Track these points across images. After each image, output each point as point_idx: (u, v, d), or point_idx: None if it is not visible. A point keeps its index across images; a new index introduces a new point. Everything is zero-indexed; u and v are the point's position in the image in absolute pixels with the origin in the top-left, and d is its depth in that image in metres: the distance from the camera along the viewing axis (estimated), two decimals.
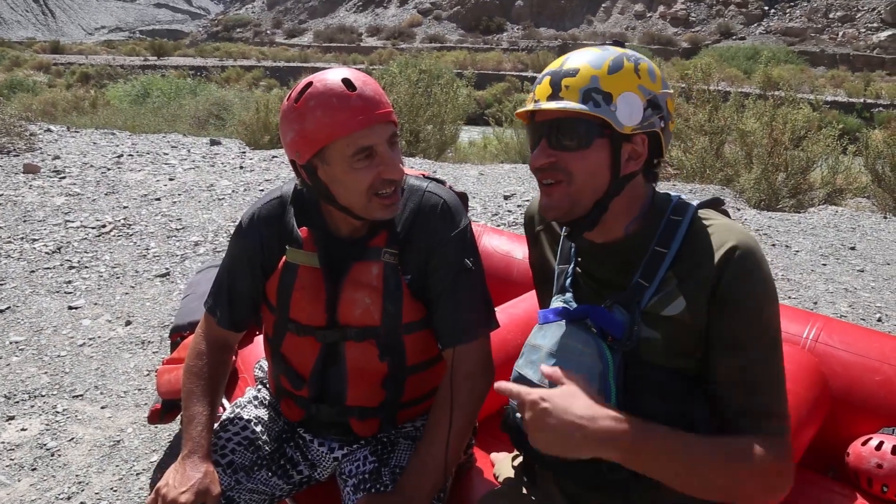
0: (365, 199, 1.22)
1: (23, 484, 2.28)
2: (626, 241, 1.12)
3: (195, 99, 16.07)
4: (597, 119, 1.03)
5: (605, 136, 1.04)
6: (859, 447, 2.02)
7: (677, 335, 1.05)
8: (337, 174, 1.21)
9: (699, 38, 57.08)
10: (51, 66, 36.50)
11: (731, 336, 1.02)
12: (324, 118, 1.17)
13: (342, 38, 76.60)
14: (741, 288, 1.01)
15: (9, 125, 7.88)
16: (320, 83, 1.19)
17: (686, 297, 1.04)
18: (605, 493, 1.12)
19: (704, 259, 1.04)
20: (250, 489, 1.37)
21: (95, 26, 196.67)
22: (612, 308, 1.09)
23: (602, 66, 1.04)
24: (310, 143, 1.19)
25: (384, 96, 1.23)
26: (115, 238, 4.86)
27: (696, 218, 1.09)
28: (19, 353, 3.19)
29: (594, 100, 1.03)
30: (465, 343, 1.30)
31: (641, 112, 1.04)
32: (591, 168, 1.06)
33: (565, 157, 1.05)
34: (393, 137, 1.23)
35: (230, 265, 1.42)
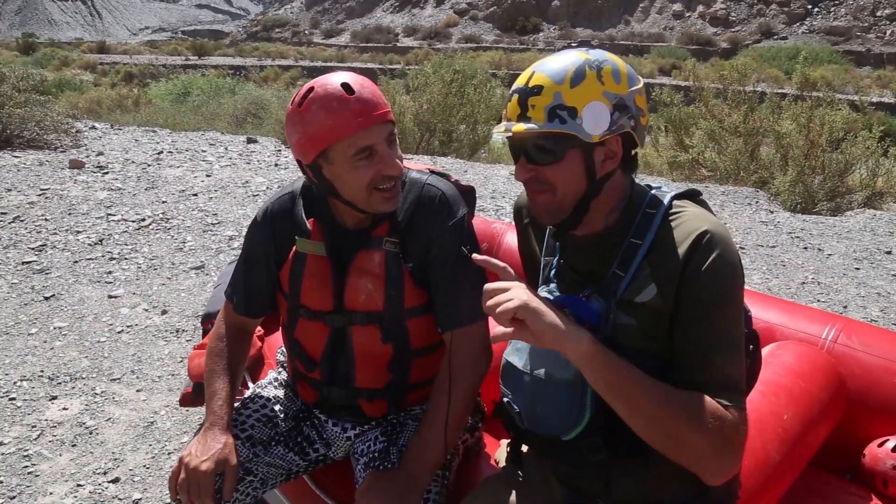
0: (367, 194, 1.30)
1: (63, 458, 2.42)
2: (604, 234, 1.17)
3: (234, 98, 16.38)
4: (561, 134, 1.08)
5: (577, 147, 1.09)
6: (875, 449, 2.02)
7: (650, 320, 1.10)
8: (340, 172, 1.29)
9: (739, 38, 55.97)
10: (97, 66, 37.57)
11: (692, 309, 1.06)
12: (326, 121, 1.24)
13: (379, 38, 77.13)
14: (706, 266, 1.05)
15: (56, 123, 8.17)
16: (321, 88, 1.26)
17: (657, 283, 1.09)
18: (586, 473, 1.18)
19: (675, 247, 1.09)
20: (267, 462, 1.45)
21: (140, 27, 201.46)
22: (589, 297, 1.15)
23: (564, 80, 1.07)
24: (314, 145, 1.27)
25: (381, 97, 1.30)
26: (154, 231, 5.04)
27: (670, 210, 1.14)
28: (62, 338, 3.35)
29: (559, 116, 1.06)
30: (463, 327, 1.36)
31: (608, 118, 1.07)
32: (568, 177, 1.11)
33: (543, 171, 1.11)
34: (391, 136, 1.30)
35: (246, 256, 1.52)
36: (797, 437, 1.86)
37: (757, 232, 5.68)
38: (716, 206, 6.59)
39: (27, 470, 2.35)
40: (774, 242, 5.36)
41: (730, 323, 1.06)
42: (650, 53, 51.89)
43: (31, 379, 2.95)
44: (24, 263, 4.30)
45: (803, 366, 2.06)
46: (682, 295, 1.07)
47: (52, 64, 36.35)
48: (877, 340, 2.17)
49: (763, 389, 1.93)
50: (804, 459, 1.93)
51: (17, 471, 2.34)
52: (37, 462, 2.39)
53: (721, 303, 1.06)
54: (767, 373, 2.03)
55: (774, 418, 1.84)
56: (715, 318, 1.06)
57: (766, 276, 4.54)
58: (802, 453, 1.90)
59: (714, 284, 1.06)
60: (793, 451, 1.83)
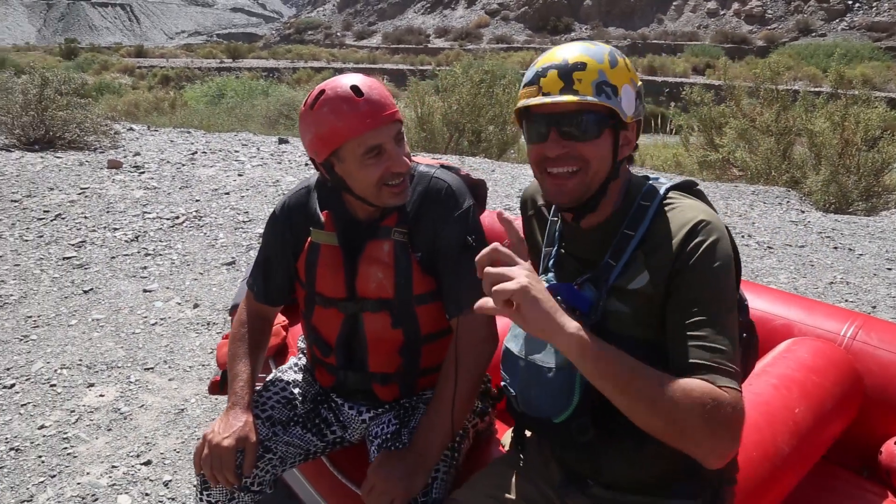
0: (376, 190, 1.37)
1: (99, 441, 2.54)
2: (604, 223, 1.21)
3: (267, 99, 16.64)
4: (605, 110, 1.11)
5: (610, 126, 1.13)
6: (892, 446, 2.01)
7: (643, 307, 1.13)
8: (351, 170, 1.36)
9: (775, 36, 54.86)
10: (135, 69, 38.47)
11: (685, 296, 1.09)
12: (336, 122, 1.32)
13: (410, 39, 77.46)
14: (698, 255, 1.08)
15: (96, 125, 8.44)
16: (331, 91, 1.33)
17: (650, 271, 1.12)
18: (578, 454, 1.24)
19: (668, 237, 1.11)
20: (286, 441, 1.53)
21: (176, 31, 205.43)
22: (582, 285, 1.18)
23: (604, 60, 1.12)
24: (325, 145, 1.34)
25: (389, 98, 1.37)
26: (187, 229, 5.19)
27: (664, 201, 1.17)
28: (100, 329, 3.49)
29: (605, 92, 1.10)
30: (468, 313, 1.41)
31: (635, 102, 1.14)
32: (602, 155, 1.13)
33: (579, 147, 1.12)
34: (398, 134, 1.37)
35: (265, 247, 1.60)
36: (809, 430, 1.87)
37: (786, 231, 5.61)
38: (745, 206, 6.52)
39: (66, 451, 2.47)
40: (803, 242, 5.29)
41: (722, 310, 1.08)
42: (683, 52, 51.17)
43: (71, 367, 3.09)
44: (65, 259, 4.48)
45: (818, 361, 2.07)
46: (675, 283, 1.10)
47: (92, 68, 37.33)
48: (895, 337, 2.17)
49: (776, 383, 1.95)
50: (817, 453, 1.94)
51: (57, 452, 2.47)
52: (75, 444, 2.52)
53: (713, 290, 1.08)
54: (782, 367, 2.05)
55: (786, 411, 1.85)
56: (707, 305, 1.08)
57: (793, 276, 4.50)
58: (815, 447, 1.91)
59: (706, 273, 1.08)
60: (804, 444, 1.84)
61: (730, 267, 1.11)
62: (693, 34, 61.80)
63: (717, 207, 6.38)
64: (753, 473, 1.66)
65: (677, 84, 30.74)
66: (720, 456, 1.03)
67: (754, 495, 1.64)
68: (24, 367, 3.08)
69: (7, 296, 3.86)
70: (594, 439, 1.17)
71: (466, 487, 1.36)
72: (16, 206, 5.51)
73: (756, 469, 1.67)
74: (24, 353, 3.22)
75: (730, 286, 1.10)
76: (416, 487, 1.33)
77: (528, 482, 1.35)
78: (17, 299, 3.82)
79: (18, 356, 3.18)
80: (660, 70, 42.64)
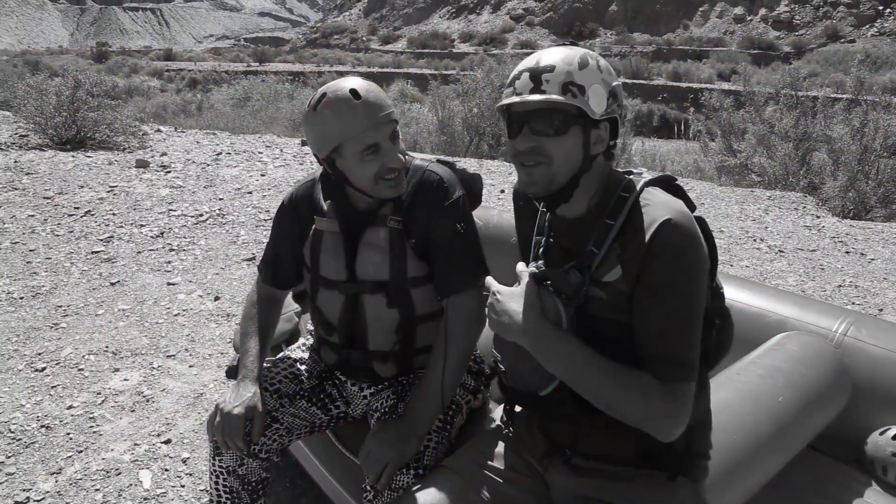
0: (373, 183, 1.50)
1: (123, 421, 2.69)
2: (586, 215, 1.31)
3: (292, 102, 16.91)
4: (573, 108, 1.21)
5: (579, 124, 1.23)
6: (877, 437, 2.09)
7: (616, 296, 1.23)
8: (350, 165, 1.49)
9: (803, 42, 54.16)
10: (163, 73, 39.22)
11: (646, 289, 1.18)
12: (337, 122, 1.45)
13: (435, 44, 77.81)
14: (663, 251, 1.17)
15: (125, 126, 8.71)
16: (332, 94, 1.47)
17: (622, 265, 1.22)
18: (560, 425, 1.36)
19: (640, 233, 1.20)
20: (292, 413, 1.66)
21: (204, 34, 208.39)
22: (569, 272, 1.28)
23: (574, 62, 1.22)
24: (327, 143, 1.48)
25: (386, 100, 1.50)
26: (210, 226, 5.37)
27: (641, 195, 1.26)
28: (125, 319, 3.66)
29: (571, 91, 1.20)
30: (457, 294, 1.55)
31: (605, 101, 1.23)
32: (567, 150, 1.23)
33: (545, 142, 1.23)
34: (394, 133, 1.50)
35: (274, 235, 1.74)
36: (792, 418, 1.95)
37: (799, 236, 5.64)
38: (759, 211, 6.55)
39: (92, 429, 2.63)
40: (815, 247, 5.32)
41: (681, 305, 1.17)
42: (709, 58, 50.76)
43: (98, 353, 3.26)
44: (94, 253, 4.68)
45: (806, 354, 2.15)
46: (641, 276, 1.19)
47: (122, 71, 38.16)
48: (884, 333, 2.23)
49: (762, 373, 2.04)
50: (800, 441, 2.02)
51: (84, 430, 2.62)
52: (101, 423, 2.67)
53: (674, 286, 1.17)
54: (770, 358, 2.14)
55: (769, 399, 1.94)
56: (666, 299, 1.17)
57: (802, 279, 4.54)
58: (798, 434, 1.99)
59: (668, 268, 1.17)
60: (787, 432, 1.92)
61: (691, 266, 1.18)
62: (719, 40, 61.27)
63: (732, 212, 6.44)
64: (735, 454, 1.76)
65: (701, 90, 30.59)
66: (663, 435, 1.18)
67: (736, 474, 1.73)
68: (54, 352, 3.26)
69: (39, 286, 4.06)
70: (574, 412, 1.28)
71: (456, 455, 1.47)
72: (48, 202, 5.74)
73: (737, 450, 1.76)
74: (54, 339, 3.40)
75: (690, 283, 1.18)
76: (409, 453, 1.45)
77: (514, 452, 1.46)
78: (48, 290, 4.02)
79: (49, 342, 3.36)
80: (684, 76, 42.35)
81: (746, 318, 2.44)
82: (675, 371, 1.17)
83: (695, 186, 7.64)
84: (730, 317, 1.40)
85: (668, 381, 1.17)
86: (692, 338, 1.19)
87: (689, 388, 1.18)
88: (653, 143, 15.53)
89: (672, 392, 1.17)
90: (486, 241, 1.86)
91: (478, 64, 31.71)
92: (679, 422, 1.18)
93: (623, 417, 1.19)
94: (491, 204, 6.43)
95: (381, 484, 1.42)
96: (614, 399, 1.18)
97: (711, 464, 1.54)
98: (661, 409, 1.16)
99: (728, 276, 2.65)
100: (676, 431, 1.18)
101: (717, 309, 1.34)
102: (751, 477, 1.80)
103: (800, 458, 2.10)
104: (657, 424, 1.17)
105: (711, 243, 1.29)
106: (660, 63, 49.12)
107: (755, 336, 2.39)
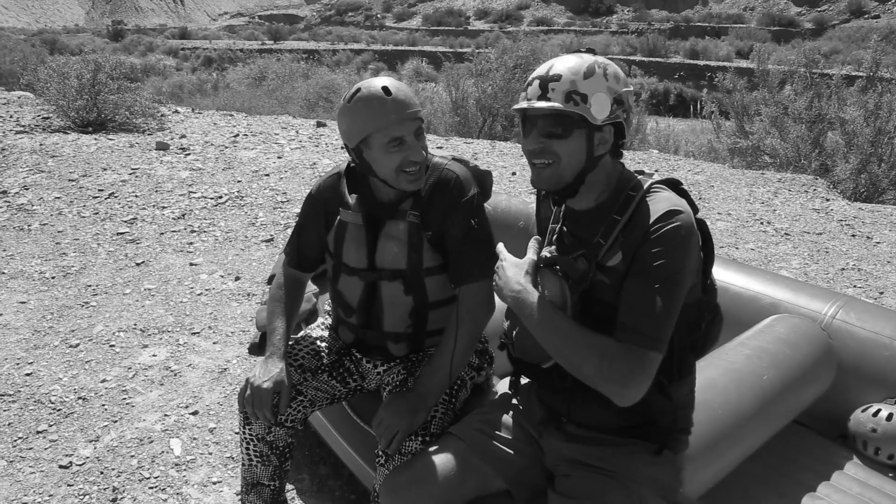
0: (395, 175, 1.64)
1: (153, 394, 2.89)
2: (595, 209, 1.45)
3: (307, 82, 16.97)
4: (575, 114, 1.35)
5: (583, 128, 1.36)
6: (859, 414, 2.22)
7: (617, 280, 1.37)
8: (376, 156, 1.64)
9: (825, 18, 53.10)
10: (179, 51, 39.38)
11: (635, 266, 1.32)
12: (367, 115, 1.60)
13: (450, 21, 77.17)
14: (657, 236, 1.30)
15: (144, 108, 8.86)
16: (366, 89, 1.62)
17: (623, 251, 1.36)
18: (557, 396, 1.51)
19: (643, 222, 1.34)
20: (315, 387, 1.82)
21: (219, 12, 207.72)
22: (577, 259, 1.43)
23: (580, 72, 1.34)
24: (357, 133, 1.63)
25: (413, 99, 1.65)
26: (230, 208, 5.55)
27: (647, 193, 1.39)
28: (151, 298, 3.86)
29: (574, 100, 1.34)
30: (469, 283, 1.70)
31: (609, 108, 1.34)
32: (572, 151, 1.37)
33: (552, 143, 1.37)
34: (418, 129, 1.65)
35: (301, 222, 1.90)
36: (776, 395, 2.09)
37: (806, 219, 5.71)
38: (769, 193, 6.61)
39: (125, 401, 2.83)
40: (822, 230, 5.39)
41: (660, 286, 1.29)
42: (728, 35, 49.95)
43: (127, 331, 3.45)
44: (119, 234, 4.87)
45: (792, 335, 2.28)
46: (636, 256, 1.33)
47: (138, 49, 38.36)
48: (872, 317, 2.35)
49: (749, 353, 2.18)
50: (784, 417, 2.16)
51: (118, 402, 2.82)
52: (132, 396, 2.87)
53: (658, 268, 1.30)
54: (758, 340, 2.28)
55: (754, 377, 2.08)
56: (648, 278, 1.30)
57: (805, 262, 4.63)
58: (781, 411, 2.12)
59: (657, 252, 1.30)
60: (770, 408, 2.06)
61: (683, 252, 1.31)
62: (738, 17, 60.22)
63: (741, 195, 6.52)
64: (719, 428, 1.90)
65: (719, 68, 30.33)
66: (616, 397, 1.30)
67: (720, 446, 1.88)
68: (86, 329, 3.46)
69: (69, 266, 4.26)
70: (571, 385, 1.43)
71: (461, 424, 1.64)
72: (73, 185, 5.94)
73: (722, 424, 1.91)
74: (85, 317, 3.60)
75: (676, 271, 1.30)
76: (418, 422, 1.61)
77: (514, 420, 1.62)
78: (77, 270, 4.22)
79: (81, 320, 3.56)
80: (702, 54, 41.79)
81: (742, 300, 2.57)
82: (636, 336, 1.28)
83: (705, 169, 7.69)
84: (719, 311, 1.52)
85: (632, 347, 1.28)
86: (664, 318, 1.29)
87: (648, 356, 1.28)
88: (667, 122, 15.47)
89: (629, 354, 1.28)
90: (495, 225, 2.00)
91: (493, 41, 31.50)
92: (634, 387, 1.27)
93: (582, 376, 1.32)
94: (503, 185, 6.55)
95: (392, 449, 1.58)
96: (574, 356, 1.31)
97: (698, 437, 1.69)
98: (617, 370, 1.27)
99: (727, 260, 2.77)
100: (630, 395, 1.28)
101: (709, 304, 1.47)
102: (734, 449, 1.94)
103: (786, 433, 2.24)
104: (610, 386, 1.28)
105: (709, 244, 1.42)
106: (677, 40, 48.45)
107: (750, 318, 2.52)
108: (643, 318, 1.29)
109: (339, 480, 2.39)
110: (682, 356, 1.43)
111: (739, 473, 2.01)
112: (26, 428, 2.63)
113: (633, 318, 1.30)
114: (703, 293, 1.44)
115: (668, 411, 1.46)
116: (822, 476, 2.07)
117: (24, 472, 2.39)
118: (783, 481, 2.05)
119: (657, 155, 8.94)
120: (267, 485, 1.83)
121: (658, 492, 1.44)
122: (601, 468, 1.46)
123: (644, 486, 1.43)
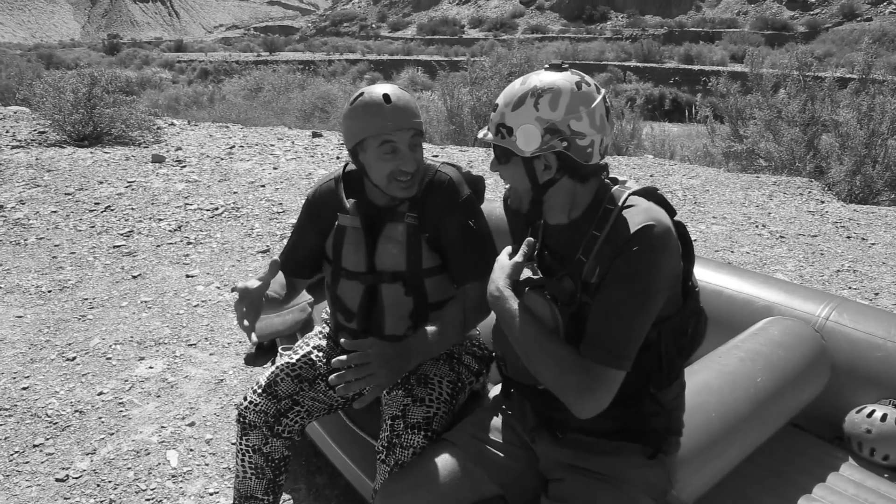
0: (387, 181, 1.67)
1: (150, 406, 2.89)
2: (571, 225, 1.44)
3: (302, 93, 17.03)
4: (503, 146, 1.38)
5: (517, 156, 1.37)
6: (854, 415, 2.23)
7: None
8: (370, 160, 1.67)
9: (818, 22, 53.40)
10: (175, 64, 39.49)
11: (609, 280, 1.30)
12: (364, 120, 1.63)
13: (444, 30, 77.51)
14: (630, 250, 1.28)
15: (140, 120, 8.90)
16: (368, 95, 1.65)
17: (601, 265, 1.33)
18: (554, 411, 1.49)
19: (620, 236, 1.31)
20: (311, 396, 1.83)
21: (214, 24, 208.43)
22: (562, 279, 1.41)
23: (509, 104, 1.33)
24: (354, 136, 1.66)
25: (414, 110, 1.67)
26: (226, 219, 5.56)
27: (624, 205, 1.36)
28: (148, 310, 3.86)
29: (501, 133, 1.36)
30: (469, 283, 1.72)
31: (539, 139, 1.31)
32: (515, 178, 1.41)
33: (501, 169, 1.43)
34: (414, 140, 1.67)
35: (298, 227, 1.91)
36: (770, 397, 2.09)
37: (801, 221, 5.73)
38: (763, 196, 6.63)
39: (122, 413, 2.82)
40: (817, 232, 5.41)
41: (630, 299, 1.26)
42: (721, 40, 50.21)
43: (124, 343, 3.45)
44: (115, 247, 4.87)
45: (785, 337, 2.29)
46: (608, 270, 1.31)
47: (133, 63, 38.47)
48: (865, 318, 2.36)
49: (742, 356, 2.18)
50: (778, 420, 2.16)
51: (114, 414, 2.82)
52: (129, 408, 2.87)
53: (628, 281, 1.27)
54: (752, 342, 2.28)
55: (748, 380, 2.08)
56: (617, 290, 1.28)
57: (800, 264, 4.65)
58: (775, 414, 2.13)
59: (629, 264, 1.28)
60: (764, 411, 2.07)
61: (655, 267, 1.28)
62: (732, 21, 60.54)
63: (736, 198, 6.53)
64: (714, 431, 1.91)
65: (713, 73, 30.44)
66: (575, 409, 1.29)
67: (714, 449, 1.88)
68: (83, 342, 3.46)
69: (66, 280, 4.26)
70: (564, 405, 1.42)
71: (456, 430, 1.64)
72: (69, 198, 5.95)
73: (716, 428, 1.91)
74: (82, 330, 3.60)
75: (648, 284, 1.27)
76: (399, 372, 1.56)
77: (507, 426, 1.63)
78: (74, 283, 4.22)
79: (78, 333, 3.56)
80: (696, 58, 42.00)
81: (736, 303, 2.58)
82: (598, 353, 1.27)
83: (700, 173, 7.72)
84: (703, 315, 1.52)
85: (593, 363, 1.27)
86: (631, 332, 1.27)
87: (610, 374, 1.26)
88: (662, 126, 15.52)
89: (590, 370, 1.26)
90: (491, 231, 2.02)
91: (488, 50, 31.63)
92: (591, 401, 1.26)
93: (545, 383, 1.33)
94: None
95: (364, 400, 1.52)
96: (537, 363, 1.33)
97: (693, 440, 1.70)
98: (576, 384, 1.26)
99: (720, 264, 2.79)
100: (587, 409, 1.27)
101: (692, 309, 1.45)
102: (729, 452, 1.95)
103: (782, 435, 2.25)
104: (569, 398, 1.28)
105: (689, 247, 1.41)
106: (672, 46, 48.71)
107: (743, 321, 2.53)
108: (608, 336, 1.27)
109: (335, 490, 2.39)
110: (670, 364, 1.42)
111: (735, 476, 2.01)
112: (23, 442, 2.63)
113: (597, 334, 1.29)
114: (683, 298, 1.41)
115: (661, 415, 1.47)
116: (817, 478, 2.07)
117: (21, 485, 2.39)
118: (779, 483, 2.05)
119: (652, 160, 8.96)
120: (261, 499, 1.82)
121: (649, 493, 1.45)
122: (594, 472, 1.47)
123: (636, 489, 1.44)
